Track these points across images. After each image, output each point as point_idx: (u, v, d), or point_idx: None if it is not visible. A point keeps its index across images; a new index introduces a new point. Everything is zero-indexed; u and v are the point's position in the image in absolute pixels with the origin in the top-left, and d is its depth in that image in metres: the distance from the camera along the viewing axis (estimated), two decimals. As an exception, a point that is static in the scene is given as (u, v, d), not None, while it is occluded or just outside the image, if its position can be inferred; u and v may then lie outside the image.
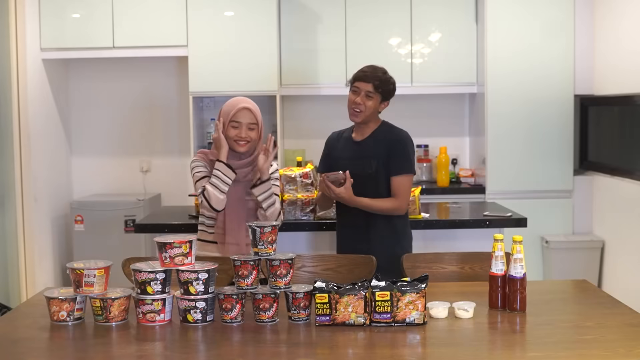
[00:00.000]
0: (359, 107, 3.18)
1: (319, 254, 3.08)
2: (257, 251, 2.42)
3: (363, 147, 3.23)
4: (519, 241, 2.44)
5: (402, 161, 3.19)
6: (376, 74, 3.18)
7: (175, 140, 5.82)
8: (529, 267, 2.62)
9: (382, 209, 3.17)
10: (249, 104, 3.02)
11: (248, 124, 2.99)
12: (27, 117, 5.03)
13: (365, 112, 3.18)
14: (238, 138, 2.98)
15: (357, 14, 5.50)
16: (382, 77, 3.18)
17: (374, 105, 3.19)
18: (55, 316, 2.39)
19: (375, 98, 3.18)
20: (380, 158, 3.18)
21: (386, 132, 3.24)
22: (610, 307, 2.52)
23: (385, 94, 3.21)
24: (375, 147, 3.20)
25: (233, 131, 2.98)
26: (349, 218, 3.27)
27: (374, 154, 3.18)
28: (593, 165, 5.34)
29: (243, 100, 3.03)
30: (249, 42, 5.28)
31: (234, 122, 2.98)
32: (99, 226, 5.29)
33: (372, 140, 3.23)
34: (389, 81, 3.21)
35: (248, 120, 2.99)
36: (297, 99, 5.80)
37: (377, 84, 3.16)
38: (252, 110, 3.00)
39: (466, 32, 5.53)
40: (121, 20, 5.26)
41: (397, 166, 3.18)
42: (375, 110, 3.21)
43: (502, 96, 5.29)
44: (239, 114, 2.98)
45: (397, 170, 3.18)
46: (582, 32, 5.37)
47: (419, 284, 2.33)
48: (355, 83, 3.21)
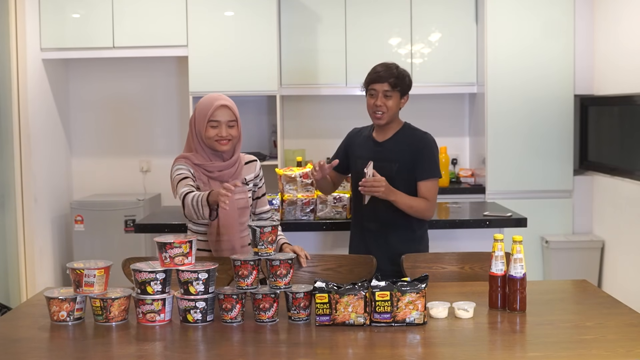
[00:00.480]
0: (380, 110, 3.09)
1: (319, 254, 3.07)
2: (257, 251, 2.42)
3: (385, 148, 3.14)
4: (519, 241, 2.44)
5: (429, 165, 3.12)
6: (390, 71, 3.09)
7: (175, 140, 5.82)
8: (529, 267, 2.62)
9: (418, 207, 3.07)
10: (225, 100, 2.86)
11: (227, 122, 2.83)
12: (27, 117, 5.03)
13: (389, 113, 3.10)
14: (219, 137, 2.82)
15: (357, 14, 5.50)
16: (396, 73, 3.09)
17: (395, 103, 3.10)
18: (55, 316, 2.39)
19: (395, 96, 3.10)
20: (403, 161, 3.10)
21: (409, 134, 3.16)
22: (610, 307, 2.52)
23: (403, 89, 3.12)
24: (398, 149, 3.11)
25: (212, 131, 2.82)
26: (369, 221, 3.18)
27: (396, 157, 3.10)
28: (593, 165, 5.34)
29: (219, 98, 2.86)
30: (249, 42, 5.28)
31: (212, 122, 2.81)
32: (99, 226, 5.29)
33: (394, 142, 3.14)
34: (405, 75, 3.12)
35: (227, 117, 2.83)
36: (297, 99, 5.80)
37: (393, 81, 3.07)
38: (230, 107, 2.85)
39: (466, 32, 5.53)
40: (121, 20, 5.26)
41: (426, 171, 3.10)
42: (397, 109, 3.14)
43: (502, 96, 5.29)
44: (217, 113, 2.82)
45: (425, 175, 3.10)
46: (582, 32, 5.37)
47: (419, 284, 2.33)
48: (371, 86, 3.11)
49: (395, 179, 3.07)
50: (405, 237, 3.17)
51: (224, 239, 2.87)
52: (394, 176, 3.07)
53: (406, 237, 3.18)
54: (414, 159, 3.11)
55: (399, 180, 3.08)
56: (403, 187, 3.09)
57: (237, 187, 2.54)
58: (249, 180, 2.96)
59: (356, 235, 3.30)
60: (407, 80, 3.14)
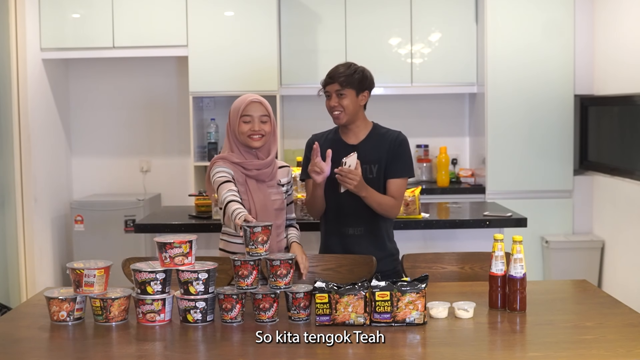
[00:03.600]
0: (337, 109, 3.06)
1: (319, 254, 3.07)
2: (248, 251, 2.40)
3: (361, 150, 3.05)
4: (519, 241, 2.44)
5: (403, 164, 3.08)
6: (338, 70, 3.06)
7: (175, 140, 5.82)
8: (529, 267, 2.62)
9: (386, 205, 3.01)
10: (258, 97, 2.94)
11: (260, 117, 2.88)
12: (27, 117, 5.03)
13: (346, 112, 3.05)
14: (252, 132, 2.87)
15: (357, 14, 5.50)
16: (345, 71, 3.05)
17: (351, 102, 3.04)
18: (55, 316, 2.39)
19: (349, 94, 3.04)
20: (382, 162, 3.06)
21: (383, 134, 3.12)
22: (610, 307, 2.52)
23: (358, 86, 3.04)
24: (374, 151, 3.07)
25: (245, 126, 2.87)
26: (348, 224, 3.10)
27: (374, 159, 3.06)
28: (593, 165, 5.34)
29: (251, 95, 2.94)
30: (249, 42, 5.28)
31: (245, 117, 2.87)
32: (99, 226, 5.29)
33: (369, 143, 3.09)
34: (355, 72, 3.05)
35: (259, 112, 2.89)
36: (297, 99, 5.80)
37: (342, 79, 3.03)
38: (263, 103, 2.91)
39: (466, 32, 5.53)
40: (121, 20, 5.26)
41: (399, 169, 3.06)
42: (356, 107, 3.06)
43: (502, 96, 5.29)
44: (249, 108, 2.88)
45: (398, 173, 3.06)
46: (582, 32, 5.37)
47: (419, 284, 2.33)
48: (325, 88, 3.11)
49: (376, 180, 3.04)
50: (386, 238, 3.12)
51: None
52: (375, 177, 3.04)
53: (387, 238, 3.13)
54: (391, 157, 3.06)
55: (379, 181, 3.05)
56: (383, 187, 3.05)
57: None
58: (284, 184, 3.00)
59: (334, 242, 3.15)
60: (359, 76, 3.05)
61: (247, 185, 2.88)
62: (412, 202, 3.73)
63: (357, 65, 3.11)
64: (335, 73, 3.07)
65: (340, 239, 3.11)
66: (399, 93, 5.60)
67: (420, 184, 5.22)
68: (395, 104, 5.73)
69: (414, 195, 3.74)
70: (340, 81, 3.04)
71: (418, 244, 3.81)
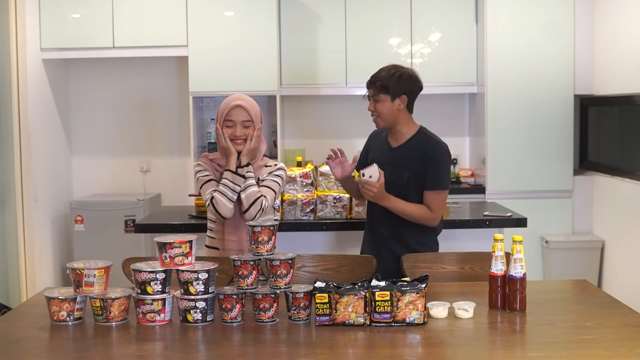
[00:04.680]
0: (373, 114, 3.08)
1: (319, 254, 3.07)
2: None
3: (397, 154, 3.09)
4: (519, 241, 2.44)
5: (439, 177, 3.05)
6: (378, 74, 3.06)
7: (175, 140, 5.82)
8: (529, 267, 2.62)
9: (414, 215, 3.03)
10: (241, 100, 2.93)
11: (242, 122, 2.91)
12: (27, 117, 5.03)
13: (382, 117, 3.05)
14: (233, 137, 2.91)
15: (357, 14, 5.50)
16: (383, 75, 3.04)
17: (387, 107, 3.04)
18: (55, 316, 2.39)
19: (384, 99, 3.04)
20: (414, 169, 3.04)
21: (423, 141, 3.09)
22: (610, 307, 2.52)
23: (394, 90, 3.03)
24: (410, 157, 3.06)
25: (228, 130, 2.91)
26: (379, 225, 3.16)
27: (408, 165, 3.05)
28: (593, 165, 5.34)
29: (236, 98, 2.94)
30: (249, 42, 5.28)
31: (227, 122, 2.91)
32: (99, 226, 5.30)
33: (406, 149, 3.08)
34: (392, 75, 3.04)
35: (242, 118, 2.91)
36: (297, 99, 5.80)
37: (378, 84, 3.03)
38: (245, 107, 2.91)
39: (466, 32, 5.53)
40: (121, 20, 5.26)
41: (434, 181, 3.04)
42: (391, 111, 3.05)
43: (502, 96, 5.29)
44: (232, 113, 2.91)
45: (433, 186, 3.04)
46: (582, 32, 5.37)
47: (419, 284, 2.33)
48: (366, 92, 3.11)
49: (406, 186, 3.05)
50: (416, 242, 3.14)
51: (231, 239, 2.90)
52: (405, 183, 3.05)
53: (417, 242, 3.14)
54: (424, 167, 3.04)
55: (410, 187, 3.05)
56: (414, 194, 3.06)
57: None
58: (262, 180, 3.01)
59: (367, 239, 3.28)
60: (395, 80, 3.03)
61: None
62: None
63: (397, 69, 3.08)
64: (373, 77, 3.08)
65: (373, 238, 3.21)
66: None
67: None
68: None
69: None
70: (376, 85, 3.05)
71: (418, 244, 3.81)
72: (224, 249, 2.95)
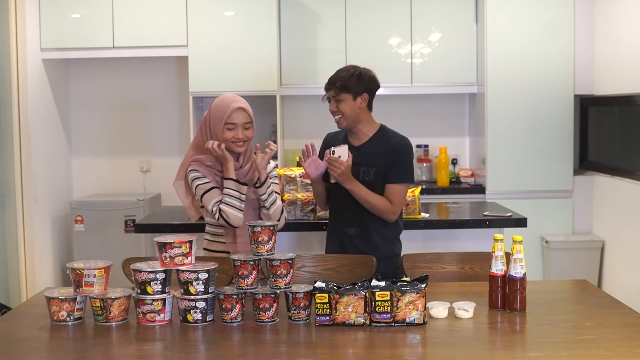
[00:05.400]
0: (337, 115, 3.08)
1: (319, 254, 3.07)
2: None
3: (362, 153, 3.09)
4: (519, 241, 2.44)
5: (402, 170, 3.07)
6: (338, 75, 3.07)
7: (175, 140, 5.82)
8: (529, 267, 2.62)
9: (376, 204, 3.03)
10: (241, 102, 2.92)
11: (243, 124, 2.90)
12: (27, 118, 5.03)
13: (345, 117, 3.06)
14: (236, 139, 2.89)
15: (357, 14, 5.50)
16: (343, 75, 3.05)
17: (349, 106, 3.05)
18: (55, 316, 2.39)
19: (346, 98, 3.04)
20: (380, 166, 3.06)
21: (385, 138, 3.11)
22: (610, 307, 2.52)
23: (354, 89, 3.04)
24: (374, 154, 3.07)
25: (229, 133, 2.88)
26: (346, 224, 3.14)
27: (373, 162, 3.06)
28: (593, 165, 5.34)
29: (234, 100, 2.92)
30: (249, 42, 5.28)
31: (229, 124, 2.88)
32: (99, 226, 5.30)
33: (370, 146, 3.10)
34: (351, 76, 3.05)
35: (243, 120, 2.90)
36: (297, 99, 5.80)
37: (338, 85, 3.04)
38: (246, 109, 2.91)
39: (466, 32, 5.53)
40: (121, 20, 5.26)
41: (397, 175, 3.06)
42: (355, 110, 3.06)
43: (502, 96, 5.29)
44: (234, 115, 2.88)
45: (396, 179, 3.06)
46: (582, 32, 5.37)
47: (419, 284, 2.33)
48: (326, 94, 3.13)
49: (373, 183, 3.06)
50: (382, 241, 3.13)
51: (241, 241, 2.89)
52: (371, 180, 3.06)
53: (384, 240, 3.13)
54: (389, 162, 3.06)
55: (376, 184, 3.06)
56: (381, 191, 3.07)
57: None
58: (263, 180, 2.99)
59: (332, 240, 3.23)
60: (353, 80, 3.05)
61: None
62: (412, 202, 3.73)
63: (356, 68, 3.10)
64: (332, 78, 3.09)
65: (339, 239, 3.17)
66: (399, 93, 5.60)
67: (420, 184, 5.21)
68: (395, 104, 5.73)
69: (414, 195, 3.74)
70: (336, 86, 3.06)
71: (418, 244, 3.81)
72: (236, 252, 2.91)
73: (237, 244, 2.94)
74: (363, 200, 3.04)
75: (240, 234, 2.91)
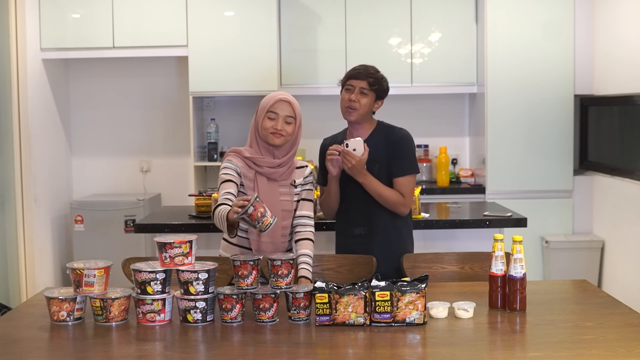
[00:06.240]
0: (354, 105, 3.06)
1: (319, 254, 3.08)
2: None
3: None
4: (519, 241, 2.44)
5: (406, 162, 3.09)
6: (369, 71, 3.10)
7: (175, 140, 5.82)
8: (529, 267, 2.62)
9: (389, 198, 3.04)
10: (288, 97, 2.91)
11: (285, 117, 2.85)
12: (27, 117, 5.03)
13: (360, 110, 3.07)
14: (274, 130, 2.83)
15: (357, 14, 5.50)
16: (375, 74, 3.10)
17: (369, 103, 3.08)
18: (55, 316, 2.39)
19: (370, 96, 3.08)
20: (382, 161, 3.07)
21: (385, 132, 3.14)
22: (610, 307, 2.52)
23: (379, 92, 3.11)
24: (375, 150, 3.08)
25: (269, 122, 2.84)
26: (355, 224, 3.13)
27: (375, 157, 3.06)
28: (593, 165, 5.34)
29: (283, 94, 2.92)
30: (249, 42, 5.28)
31: (270, 113, 2.85)
32: (99, 226, 5.30)
33: (371, 142, 3.10)
34: (383, 79, 3.13)
35: (286, 112, 2.86)
36: (297, 98, 5.76)
37: (371, 81, 3.07)
38: (292, 103, 2.89)
39: (466, 32, 5.53)
40: (121, 20, 5.26)
41: (402, 167, 3.08)
42: (369, 109, 3.11)
43: (502, 96, 5.29)
44: (277, 105, 2.85)
45: (402, 171, 3.07)
46: (582, 32, 5.37)
47: (419, 284, 2.33)
48: (349, 81, 3.11)
49: (378, 179, 3.06)
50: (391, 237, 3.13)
51: (265, 240, 2.85)
52: (376, 176, 3.06)
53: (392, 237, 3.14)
54: (391, 156, 3.08)
55: (382, 180, 3.06)
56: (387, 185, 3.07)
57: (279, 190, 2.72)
58: (297, 184, 2.96)
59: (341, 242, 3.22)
60: (385, 85, 3.13)
61: (256, 181, 2.86)
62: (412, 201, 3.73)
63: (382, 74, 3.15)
64: (366, 71, 3.09)
65: (347, 239, 3.17)
66: (399, 93, 5.60)
67: (420, 184, 5.21)
68: (395, 104, 5.69)
69: (414, 195, 3.74)
70: (369, 81, 3.07)
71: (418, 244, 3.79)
72: (258, 250, 2.87)
73: (260, 242, 2.86)
74: (376, 194, 3.04)
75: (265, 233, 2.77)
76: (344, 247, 3.19)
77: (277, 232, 2.87)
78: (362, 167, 2.98)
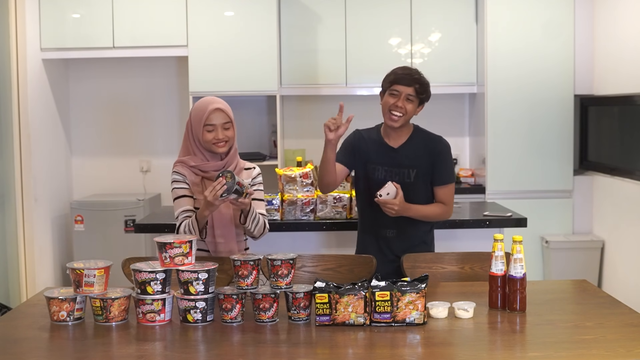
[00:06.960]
0: (399, 111, 3.00)
1: (319, 254, 3.08)
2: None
3: (400, 154, 3.09)
4: (519, 241, 2.44)
5: (447, 171, 3.12)
6: (414, 76, 3.02)
7: (175, 140, 5.82)
8: (529, 267, 2.62)
9: (435, 215, 3.10)
10: (219, 103, 2.89)
11: (222, 125, 2.86)
12: (27, 117, 5.03)
13: (405, 117, 3.03)
14: (216, 140, 2.85)
15: (357, 14, 5.50)
16: (422, 80, 3.04)
17: (413, 110, 3.04)
18: (55, 316, 2.39)
19: (415, 102, 3.03)
20: (420, 167, 3.07)
21: (423, 138, 3.12)
22: (610, 307, 2.52)
23: (424, 98, 3.07)
24: (414, 155, 3.07)
25: (209, 135, 2.85)
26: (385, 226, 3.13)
27: (413, 163, 3.07)
28: (593, 165, 5.34)
29: (212, 101, 2.89)
30: (249, 42, 5.28)
31: (208, 126, 2.84)
32: (99, 226, 5.29)
33: (409, 147, 3.09)
34: (428, 85, 3.06)
35: (222, 120, 2.85)
36: (297, 99, 5.80)
37: (418, 87, 3.01)
38: (224, 109, 2.87)
39: (466, 32, 5.53)
40: (121, 20, 5.26)
41: (443, 177, 3.10)
42: (411, 116, 3.07)
43: (502, 96, 5.29)
44: (212, 117, 2.84)
45: (442, 181, 3.10)
46: (582, 32, 5.37)
47: (419, 284, 2.33)
48: (395, 86, 3.02)
49: (414, 184, 3.07)
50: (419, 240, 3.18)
51: (220, 242, 2.87)
52: (412, 182, 3.06)
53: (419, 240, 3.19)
54: (431, 164, 3.09)
55: (417, 185, 3.07)
56: (422, 191, 3.10)
57: None
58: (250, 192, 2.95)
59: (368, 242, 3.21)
60: (429, 91, 3.08)
61: (204, 185, 2.88)
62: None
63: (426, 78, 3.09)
64: (413, 77, 3.02)
65: (375, 240, 3.18)
66: (399, 93, 5.60)
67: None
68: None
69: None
70: (416, 87, 3.02)
71: (418, 244, 3.81)
72: (215, 252, 2.89)
73: (216, 243, 2.89)
74: (422, 217, 3.09)
75: (219, 235, 2.86)
76: (371, 244, 3.18)
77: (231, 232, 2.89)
78: (404, 206, 2.97)
